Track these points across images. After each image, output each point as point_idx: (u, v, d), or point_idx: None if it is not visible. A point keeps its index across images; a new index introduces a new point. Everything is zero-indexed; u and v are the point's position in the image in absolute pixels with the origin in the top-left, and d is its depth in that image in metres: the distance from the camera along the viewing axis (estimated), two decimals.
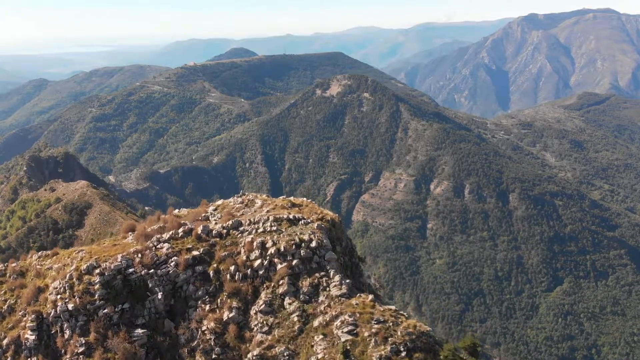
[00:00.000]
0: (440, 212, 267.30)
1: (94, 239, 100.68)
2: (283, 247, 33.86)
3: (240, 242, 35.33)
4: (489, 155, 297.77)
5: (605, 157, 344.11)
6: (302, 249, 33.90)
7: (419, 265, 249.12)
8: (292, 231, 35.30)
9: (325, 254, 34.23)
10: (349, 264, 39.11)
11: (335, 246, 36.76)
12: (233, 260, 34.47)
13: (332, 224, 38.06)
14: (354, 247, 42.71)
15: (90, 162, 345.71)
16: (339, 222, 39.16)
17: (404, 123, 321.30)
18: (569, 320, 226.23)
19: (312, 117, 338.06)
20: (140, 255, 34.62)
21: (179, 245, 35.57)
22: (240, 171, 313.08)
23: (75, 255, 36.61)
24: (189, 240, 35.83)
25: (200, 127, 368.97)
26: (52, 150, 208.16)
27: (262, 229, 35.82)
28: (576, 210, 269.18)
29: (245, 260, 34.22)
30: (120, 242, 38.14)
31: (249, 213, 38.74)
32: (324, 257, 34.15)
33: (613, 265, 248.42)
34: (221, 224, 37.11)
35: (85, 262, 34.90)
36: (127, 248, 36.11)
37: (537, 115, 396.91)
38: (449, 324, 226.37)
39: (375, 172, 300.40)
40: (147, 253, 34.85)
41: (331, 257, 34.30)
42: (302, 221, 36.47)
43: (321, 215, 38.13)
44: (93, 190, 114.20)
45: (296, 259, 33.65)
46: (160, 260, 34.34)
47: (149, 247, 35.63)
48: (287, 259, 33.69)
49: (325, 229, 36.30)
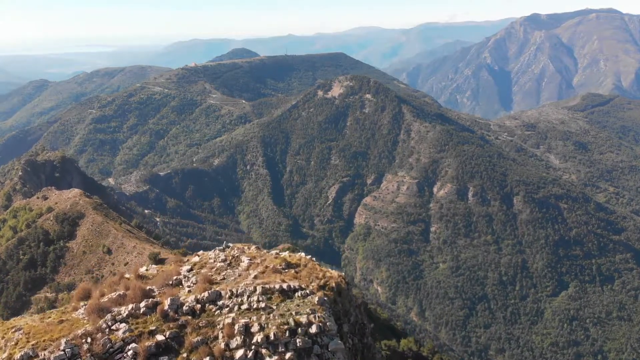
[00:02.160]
0: (443, 216, 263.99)
1: (86, 251, 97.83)
2: (273, 333, 26.51)
3: (218, 322, 27.66)
4: (493, 157, 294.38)
5: (609, 159, 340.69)
6: (299, 337, 26.64)
7: (422, 270, 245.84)
8: (286, 309, 27.93)
9: (328, 342, 27.10)
10: (359, 347, 32.18)
11: (342, 324, 30.03)
12: (208, 349, 26.61)
13: (337, 292, 30.11)
14: (366, 322, 35.44)
15: (90, 164, 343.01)
16: (345, 288, 30.83)
17: (407, 125, 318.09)
18: (574, 325, 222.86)
19: (313, 118, 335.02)
20: (90, 340, 26.97)
21: (139, 325, 27.86)
22: (241, 173, 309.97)
23: (10, 337, 28.02)
24: (153, 319, 27.91)
25: (201, 128, 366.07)
26: (49, 153, 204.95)
27: (247, 304, 27.99)
28: (581, 214, 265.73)
29: (224, 350, 26.59)
30: (69, 316, 29.99)
31: (232, 278, 30.29)
32: (327, 347, 27.07)
33: (619, 270, 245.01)
34: (195, 294, 28.43)
35: (20, 348, 27.13)
36: (76, 327, 28.57)
37: (541, 117, 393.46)
38: (453, 329, 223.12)
39: (377, 175, 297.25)
40: (99, 337, 27.11)
41: (337, 348, 27.29)
42: (299, 292, 28.42)
43: (323, 281, 30.04)
44: (86, 200, 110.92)
45: (290, 351, 26.23)
46: (115, 348, 26.76)
47: (101, 329, 27.68)
48: (279, 351, 26.19)
49: (329, 302, 29.00)
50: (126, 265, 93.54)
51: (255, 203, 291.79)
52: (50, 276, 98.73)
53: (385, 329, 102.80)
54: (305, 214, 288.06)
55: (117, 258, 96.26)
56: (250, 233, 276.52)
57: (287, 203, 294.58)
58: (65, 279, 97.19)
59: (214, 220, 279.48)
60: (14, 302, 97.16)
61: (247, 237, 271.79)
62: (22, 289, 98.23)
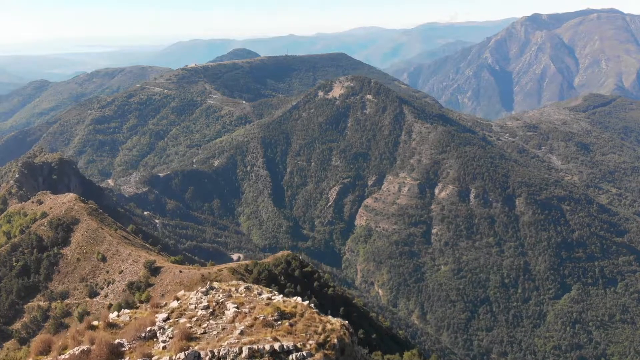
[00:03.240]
0: (445, 217, 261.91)
1: (80, 258, 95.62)
2: None
3: None
4: (495, 158, 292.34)
5: (612, 160, 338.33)
6: None
7: (424, 272, 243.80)
8: None
9: None
10: None
11: None
12: None
13: (340, 350, 24.32)
14: None
15: (89, 165, 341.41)
16: (350, 342, 24.87)
17: (408, 125, 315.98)
18: (577, 328, 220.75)
19: (314, 119, 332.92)
20: None
21: None
22: (241, 175, 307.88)
23: None
24: None
25: (201, 129, 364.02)
26: (47, 155, 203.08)
27: None
28: (584, 215, 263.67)
29: None
30: None
31: (215, 332, 24.62)
32: None
33: (622, 272, 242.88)
34: (170, 354, 23.12)
35: None
36: None
37: (543, 117, 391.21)
38: (455, 332, 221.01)
39: (378, 176, 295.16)
40: None
41: None
42: (293, 355, 23.04)
43: (323, 337, 24.43)
44: (81, 205, 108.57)
45: None
46: None
47: None
48: None
49: None
50: (121, 273, 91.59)
51: (255, 204, 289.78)
52: (43, 284, 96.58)
53: (387, 338, 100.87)
54: (305, 216, 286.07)
55: (112, 266, 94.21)
56: (251, 235, 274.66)
57: (288, 205, 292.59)
58: (58, 287, 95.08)
59: (213, 221, 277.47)
60: (7, 310, 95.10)
61: (247, 238, 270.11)
62: (15, 297, 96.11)
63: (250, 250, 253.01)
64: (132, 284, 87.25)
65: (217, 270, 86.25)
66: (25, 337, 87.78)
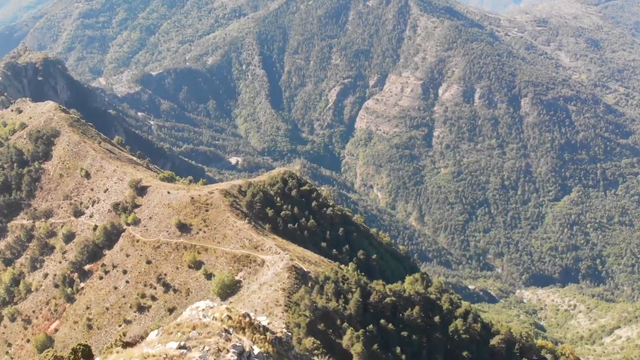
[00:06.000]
0: (448, 119, 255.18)
1: (63, 174, 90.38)
2: None
3: None
4: (502, 56, 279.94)
5: (621, 58, 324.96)
6: None
7: (423, 175, 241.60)
8: None
9: None
10: None
11: None
12: None
13: None
14: None
15: (79, 62, 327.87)
16: None
17: (413, 19, 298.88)
18: (575, 230, 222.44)
19: (312, 12, 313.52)
20: None
21: None
22: (236, 74, 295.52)
23: None
24: None
25: (193, 23, 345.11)
26: (31, 55, 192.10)
27: None
28: (590, 116, 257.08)
29: None
30: None
31: None
32: None
33: (624, 174, 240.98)
34: None
35: None
36: None
37: (553, 11, 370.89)
38: (452, 234, 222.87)
39: (380, 75, 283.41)
40: None
41: None
42: None
43: None
44: (61, 115, 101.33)
45: None
46: None
47: None
48: None
49: None
50: (106, 192, 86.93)
51: (252, 106, 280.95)
52: (26, 201, 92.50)
53: (387, 255, 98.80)
54: (304, 118, 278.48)
55: (96, 183, 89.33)
56: (249, 138, 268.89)
57: (286, 106, 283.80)
58: (42, 204, 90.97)
59: (210, 124, 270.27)
60: None
61: (245, 141, 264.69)
62: None
63: (248, 154, 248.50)
64: (117, 204, 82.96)
65: (207, 192, 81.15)
66: (10, 257, 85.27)
